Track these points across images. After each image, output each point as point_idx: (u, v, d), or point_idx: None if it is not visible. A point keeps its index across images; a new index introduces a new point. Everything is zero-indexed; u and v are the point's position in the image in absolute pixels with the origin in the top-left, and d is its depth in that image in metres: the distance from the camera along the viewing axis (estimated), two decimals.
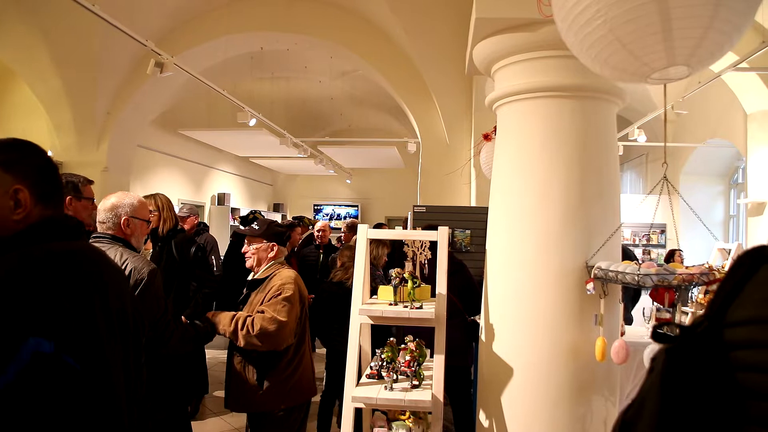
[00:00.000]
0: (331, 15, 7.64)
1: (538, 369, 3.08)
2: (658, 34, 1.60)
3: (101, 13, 4.68)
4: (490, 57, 3.33)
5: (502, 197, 3.32)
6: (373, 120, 14.08)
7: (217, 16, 7.66)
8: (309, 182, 17.55)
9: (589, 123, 3.12)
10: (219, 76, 8.37)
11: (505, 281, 3.23)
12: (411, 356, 3.09)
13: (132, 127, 8.42)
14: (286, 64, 10.13)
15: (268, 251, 3.26)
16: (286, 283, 3.07)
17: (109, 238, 2.81)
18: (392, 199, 16.31)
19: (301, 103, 12.63)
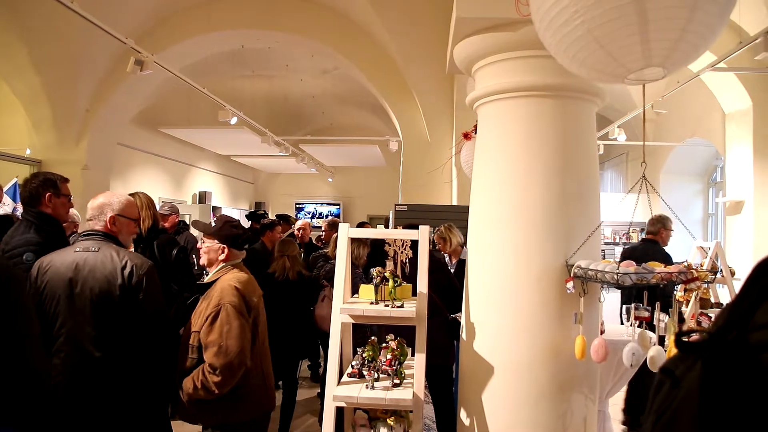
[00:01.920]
0: (313, 13, 7.62)
1: (519, 367, 3.10)
2: (636, 35, 1.62)
3: (80, 10, 4.64)
4: (470, 56, 3.34)
5: (482, 196, 3.33)
6: (355, 118, 14.08)
7: (197, 14, 7.60)
8: (291, 180, 17.49)
9: (568, 122, 3.14)
10: (200, 74, 8.32)
11: (486, 280, 3.24)
12: (392, 355, 3.10)
13: (112, 124, 8.34)
14: (268, 62, 10.09)
15: (218, 252, 2.97)
16: (224, 297, 2.75)
17: (101, 236, 2.85)
18: (374, 197, 16.32)
19: (282, 102, 12.59)
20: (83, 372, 2.68)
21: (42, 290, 2.68)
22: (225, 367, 2.63)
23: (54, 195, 3.39)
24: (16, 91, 7.51)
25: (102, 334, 2.70)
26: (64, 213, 3.48)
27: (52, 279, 2.68)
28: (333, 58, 8.48)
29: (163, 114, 10.73)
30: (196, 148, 12.45)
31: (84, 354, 2.68)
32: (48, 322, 2.68)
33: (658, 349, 2.70)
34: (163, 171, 11.76)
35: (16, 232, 3.29)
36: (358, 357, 3.18)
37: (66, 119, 7.70)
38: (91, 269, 2.70)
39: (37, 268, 2.72)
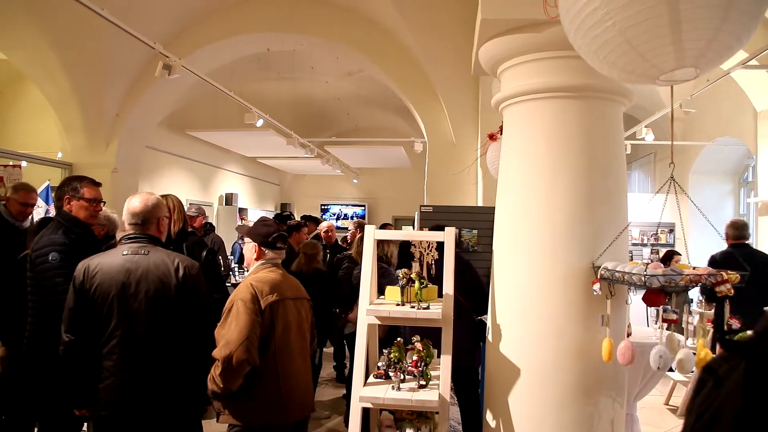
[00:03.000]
0: (337, 16, 7.66)
1: (545, 369, 3.08)
2: (668, 36, 1.60)
3: (110, 16, 4.72)
4: (495, 58, 3.33)
5: (508, 198, 3.32)
6: (380, 120, 14.10)
7: (223, 18, 7.68)
8: (316, 182, 17.58)
9: (595, 123, 3.12)
10: (226, 77, 8.41)
11: (512, 281, 3.23)
12: (418, 356, 3.10)
13: (140, 128, 8.47)
14: (293, 64, 10.15)
15: (252, 252, 3.05)
16: (237, 294, 2.82)
17: (146, 238, 2.91)
18: (399, 198, 16.31)
19: (307, 104, 12.66)
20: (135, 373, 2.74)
21: (93, 293, 2.72)
22: (225, 359, 2.63)
23: (72, 197, 3.46)
24: (48, 95, 7.66)
25: (155, 335, 2.76)
26: (84, 216, 3.51)
27: (103, 282, 2.73)
28: (357, 61, 8.50)
29: (190, 117, 10.86)
30: (223, 150, 12.58)
31: (137, 355, 2.73)
32: (100, 325, 2.74)
33: (687, 352, 2.67)
34: (190, 173, 11.91)
35: (46, 233, 3.39)
36: (384, 358, 3.18)
37: (96, 123, 7.84)
38: (144, 272, 2.76)
39: (84, 270, 2.76)
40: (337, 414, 5.91)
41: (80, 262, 2.86)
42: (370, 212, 17.00)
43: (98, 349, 2.75)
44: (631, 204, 3.39)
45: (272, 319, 2.81)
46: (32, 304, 3.37)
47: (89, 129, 7.84)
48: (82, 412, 2.88)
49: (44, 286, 3.21)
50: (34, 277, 3.30)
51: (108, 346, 2.72)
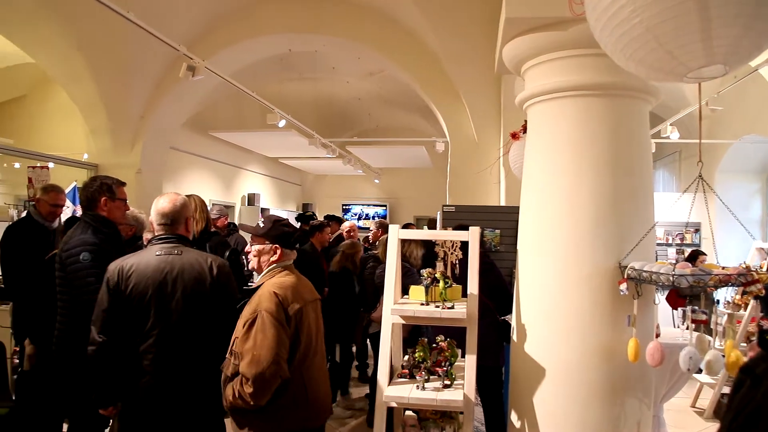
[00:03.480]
0: (359, 16, 7.66)
1: (570, 369, 3.06)
2: (696, 33, 1.58)
3: (135, 19, 4.77)
4: (520, 56, 3.32)
5: (532, 197, 3.30)
6: (401, 120, 14.10)
7: (246, 20, 7.73)
8: (337, 182, 17.62)
9: (620, 121, 3.10)
10: (248, 78, 8.46)
11: (537, 281, 3.21)
12: (442, 356, 3.10)
13: (164, 129, 8.56)
14: (314, 65, 10.18)
15: (270, 254, 2.84)
16: (261, 303, 2.62)
17: (176, 239, 2.95)
18: (420, 198, 16.29)
19: (328, 104, 12.70)
20: (170, 372, 2.77)
21: (128, 293, 2.75)
22: (257, 378, 2.48)
23: (109, 199, 3.53)
24: (75, 98, 7.77)
25: (190, 334, 2.80)
26: (119, 216, 3.61)
27: (139, 282, 2.76)
28: (379, 61, 8.50)
29: (213, 118, 10.95)
30: (245, 150, 12.66)
31: (172, 354, 2.77)
32: (136, 325, 2.77)
33: (715, 353, 2.63)
34: (213, 173, 12.01)
35: (75, 233, 3.43)
36: (408, 358, 3.19)
37: (121, 125, 7.93)
38: (179, 271, 2.79)
39: (118, 271, 2.79)
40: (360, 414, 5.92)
41: (111, 262, 2.89)
42: (391, 212, 17.00)
43: (133, 349, 2.78)
44: (656, 203, 3.36)
45: (297, 326, 2.70)
46: (62, 303, 3.42)
47: (114, 131, 7.94)
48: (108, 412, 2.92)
49: (75, 286, 3.26)
50: (64, 277, 3.35)
51: (144, 345, 2.75)
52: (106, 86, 7.47)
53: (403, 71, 7.89)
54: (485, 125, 7.33)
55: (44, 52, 7.24)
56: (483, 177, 7.18)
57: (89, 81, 7.35)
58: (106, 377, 2.79)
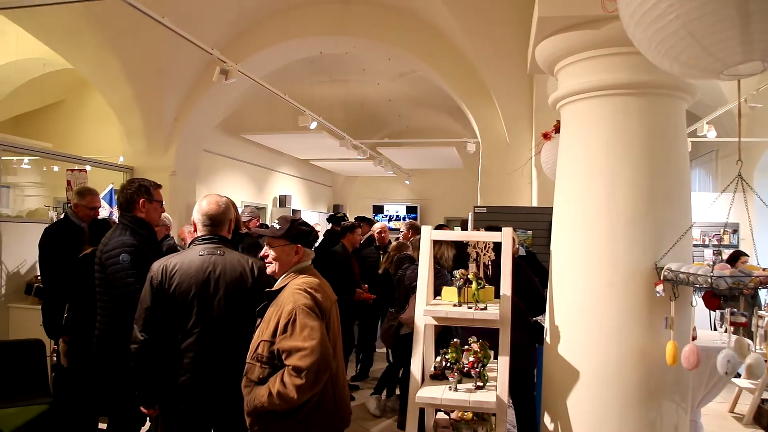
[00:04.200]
0: (389, 17, 7.67)
1: (605, 372, 3.02)
2: (736, 29, 1.55)
3: (170, 24, 4.85)
4: (553, 56, 3.29)
5: (566, 197, 3.27)
6: (432, 121, 14.07)
7: (277, 23, 7.80)
8: (368, 183, 17.67)
9: (656, 120, 3.05)
10: (279, 80, 8.53)
11: (571, 283, 3.17)
12: (475, 357, 3.09)
13: (198, 132, 8.67)
14: (345, 67, 10.23)
15: (291, 255, 2.74)
16: (297, 301, 2.55)
17: (217, 239, 3.01)
18: (451, 199, 16.24)
19: (359, 106, 12.74)
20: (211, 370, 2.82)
21: (172, 292, 2.81)
22: (311, 369, 2.39)
23: (147, 200, 3.60)
24: (111, 102, 7.93)
25: (231, 332, 2.85)
26: (156, 217, 3.69)
27: (182, 281, 2.82)
28: (409, 61, 8.50)
29: (245, 121, 11.07)
30: (276, 152, 12.78)
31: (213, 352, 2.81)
32: (178, 323, 2.83)
33: (757, 357, 2.58)
34: (245, 175, 12.14)
35: (114, 235, 3.50)
36: (440, 359, 3.18)
37: (156, 128, 8.07)
38: (222, 271, 2.85)
39: (161, 270, 2.84)
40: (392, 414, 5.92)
41: (149, 262, 2.96)
42: (421, 213, 16.97)
43: (174, 347, 2.83)
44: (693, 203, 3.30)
45: (327, 326, 2.64)
46: (102, 303, 3.50)
47: (149, 134, 8.08)
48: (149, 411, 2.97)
49: (116, 287, 3.33)
50: (104, 278, 3.42)
51: (185, 343, 2.80)
52: (142, 90, 7.61)
53: (434, 72, 7.88)
54: (517, 125, 7.28)
55: (83, 58, 7.42)
56: (514, 177, 7.13)
57: (125, 85, 7.50)
58: (149, 375, 2.85)
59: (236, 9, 7.34)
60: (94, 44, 6.98)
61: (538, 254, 5.57)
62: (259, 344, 2.58)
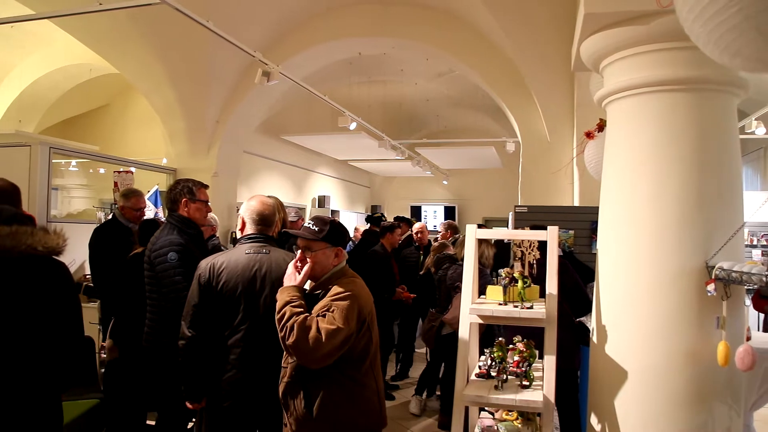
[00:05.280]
0: (428, 17, 7.66)
1: (654, 373, 2.97)
2: None
3: (215, 28, 4.94)
4: (599, 52, 3.25)
5: (613, 196, 3.22)
6: (470, 121, 14.01)
7: (316, 25, 7.86)
8: (405, 184, 17.67)
9: (706, 117, 2.99)
10: (318, 82, 8.60)
11: (619, 282, 3.13)
12: (520, 356, 3.07)
13: (239, 134, 8.81)
14: (383, 67, 10.26)
15: (331, 258, 2.68)
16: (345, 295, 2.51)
17: (263, 238, 3.08)
18: (489, 199, 16.12)
19: (397, 106, 12.75)
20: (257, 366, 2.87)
21: (219, 289, 2.87)
22: (339, 334, 2.41)
23: (190, 200, 3.68)
24: (155, 105, 8.11)
25: (275, 329, 2.89)
26: (199, 217, 3.75)
27: (229, 279, 2.88)
28: (448, 61, 8.49)
29: (284, 122, 11.20)
30: (315, 153, 12.88)
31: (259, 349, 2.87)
32: (225, 320, 2.89)
33: None
34: (284, 176, 12.28)
35: (161, 234, 3.59)
36: (486, 357, 3.17)
37: (198, 130, 8.22)
38: (268, 269, 2.90)
39: (209, 268, 2.91)
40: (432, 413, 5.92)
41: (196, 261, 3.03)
42: (459, 214, 16.88)
43: (221, 343, 2.89)
44: None
45: (370, 326, 2.62)
46: (151, 301, 3.59)
47: (192, 136, 8.24)
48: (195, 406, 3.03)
49: (164, 285, 3.41)
50: (153, 276, 3.51)
51: (232, 340, 2.86)
52: (184, 93, 7.77)
53: (473, 71, 7.85)
54: (558, 124, 7.19)
55: (128, 63, 7.61)
56: (556, 177, 7.05)
57: (168, 88, 7.66)
58: (196, 371, 2.91)
59: (277, 12, 7.43)
60: (139, 49, 7.15)
61: (580, 254, 5.51)
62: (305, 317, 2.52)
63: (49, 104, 10.33)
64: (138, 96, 9.76)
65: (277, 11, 7.44)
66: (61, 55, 9.27)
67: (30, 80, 9.61)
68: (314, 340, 2.36)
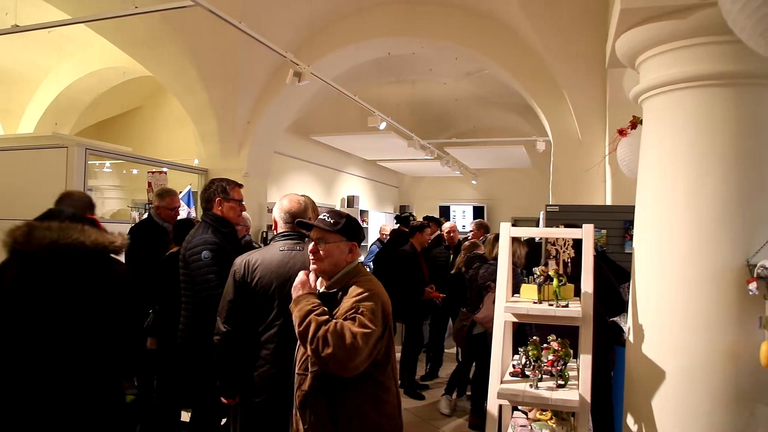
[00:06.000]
0: (457, 16, 7.63)
1: (693, 373, 2.92)
2: None
3: (247, 29, 4.99)
4: (635, 48, 3.20)
5: (650, 193, 3.18)
6: (498, 120, 13.93)
7: (346, 26, 7.89)
8: (434, 184, 17.61)
9: (746, 111, 2.93)
10: (347, 82, 8.63)
11: (657, 282, 3.08)
12: (555, 356, 3.04)
13: (269, 134, 8.88)
14: (411, 67, 10.25)
15: (345, 253, 2.57)
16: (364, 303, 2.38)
17: (297, 236, 3.12)
18: (519, 199, 15.96)
19: (425, 106, 12.73)
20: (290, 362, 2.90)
21: (254, 285, 2.90)
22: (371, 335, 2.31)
23: (223, 199, 3.72)
24: (187, 107, 8.22)
25: None
26: (233, 216, 3.78)
27: (264, 275, 2.91)
28: (477, 60, 8.44)
29: (313, 122, 11.25)
30: (344, 153, 12.93)
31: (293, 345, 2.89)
32: (261, 315, 2.93)
33: None
34: (314, 176, 12.34)
35: (196, 233, 3.64)
36: (520, 356, 3.15)
37: (229, 131, 8.31)
38: (301, 266, 2.92)
39: (244, 265, 2.95)
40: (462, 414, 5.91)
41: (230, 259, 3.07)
42: (489, 214, 16.77)
43: (255, 339, 2.92)
44: None
45: (389, 330, 2.51)
46: (186, 299, 3.64)
47: (223, 137, 8.33)
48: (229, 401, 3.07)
49: (198, 282, 3.46)
50: (188, 274, 3.56)
51: (266, 336, 2.89)
52: (216, 94, 7.86)
53: (503, 70, 7.79)
54: (589, 122, 7.11)
55: (161, 66, 7.74)
56: (587, 175, 6.97)
57: (200, 90, 7.76)
58: (230, 366, 2.95)
59: (306, 13, 7.47)
60: (171, 52, 7.26)
61: (613, 254, 5.44)
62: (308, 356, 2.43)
63: (83, 107, 10.56)
64: (170, 98, 9.91)
65: (307, 12, 7.48)
66: (96, 58, 9.46)
67: (66, 84, 9.84)
68: (351, 347, 2.24)
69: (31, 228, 2.57)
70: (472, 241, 6.41)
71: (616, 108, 6.27)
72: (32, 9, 6.95)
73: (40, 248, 2.51)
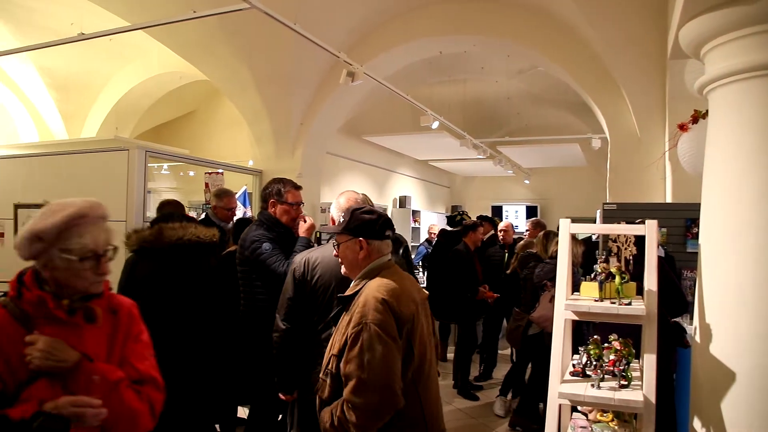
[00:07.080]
0: (509, 13, 7.54)
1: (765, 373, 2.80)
2: None
3: (302, 30, 5.04)
4: (700, 37, 3.09)
5: (717, 189, 3.05)
6: (551, 118, 13.70)
7: (398, 26, 7.89)
8: (485, 184, 17.45)
9: None
10: (399, 81, 8.62)
11: (725, 281, 2.96)
12: (617, 355, 2.96)
13: (321, 135, 8.96)
14: (463, 65, 10.19)
15: (356, 251, 2.39)
16: (366, 314, 2.18)
17: None
18: (573, 198, 15.63)
19: (476, 104, 12.63)
20: None
21: (314, 284, 2.92)
22: (365, 408, 2.10)
23: (277, 201, 3.77)
24: (241, 109, 8.37)
25: None
26: (286, 219, 3.80)
27: (324, 274, 2.93)
28: (530, 57, 8.33)
29: (365, 122, 11.31)
30: (396, 153, 12.95)
31: None
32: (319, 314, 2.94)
33: None
34: (366, 177, 12.40)
35: (250, 230, 3.75)
36: (581, 355, 3.08)
37: (283, 132, 8.42)
38: None
39: (304, 263, 2.97)
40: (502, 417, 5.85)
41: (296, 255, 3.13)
42: (542, 213, 16.49)
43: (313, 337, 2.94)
44: None
45: (409, 336, 2.27)
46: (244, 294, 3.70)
47: (277, 138, 8.45)
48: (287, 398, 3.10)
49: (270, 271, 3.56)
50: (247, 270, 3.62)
51: (325, 334, 2.90)
52: (270, 97, 7.97)
53: (557, 66, 7.66)
54: (648, 118, 6.91)
55: (216, 69, 7.89)
56: (646, 173, 6.79)
57: (254, 92, 7.88)
58: (289, 363, 2.97)
59: (359, 13, 7.51)
60: (227, 55, 7.39)
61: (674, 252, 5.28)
62: (330, 359, 2.32)
63: (142, 111, 10.89)
64: (224, 101, 10.12)
65: (360, 12, 7.52)
66: (154, 64, 9.74)
67: (126, 89, 10.15)
68: (363, 417, 2.12)
69: (162, 228, 3.50)
70: (526, 241, 6.32)
71: (676, 102, 6.08)
72: (95, 19, 7.19)
73: (170, 243, 3.44)
